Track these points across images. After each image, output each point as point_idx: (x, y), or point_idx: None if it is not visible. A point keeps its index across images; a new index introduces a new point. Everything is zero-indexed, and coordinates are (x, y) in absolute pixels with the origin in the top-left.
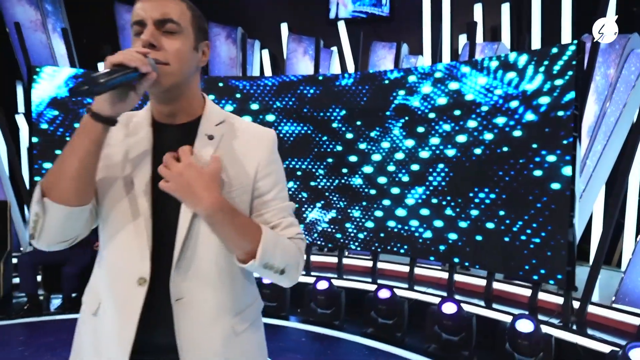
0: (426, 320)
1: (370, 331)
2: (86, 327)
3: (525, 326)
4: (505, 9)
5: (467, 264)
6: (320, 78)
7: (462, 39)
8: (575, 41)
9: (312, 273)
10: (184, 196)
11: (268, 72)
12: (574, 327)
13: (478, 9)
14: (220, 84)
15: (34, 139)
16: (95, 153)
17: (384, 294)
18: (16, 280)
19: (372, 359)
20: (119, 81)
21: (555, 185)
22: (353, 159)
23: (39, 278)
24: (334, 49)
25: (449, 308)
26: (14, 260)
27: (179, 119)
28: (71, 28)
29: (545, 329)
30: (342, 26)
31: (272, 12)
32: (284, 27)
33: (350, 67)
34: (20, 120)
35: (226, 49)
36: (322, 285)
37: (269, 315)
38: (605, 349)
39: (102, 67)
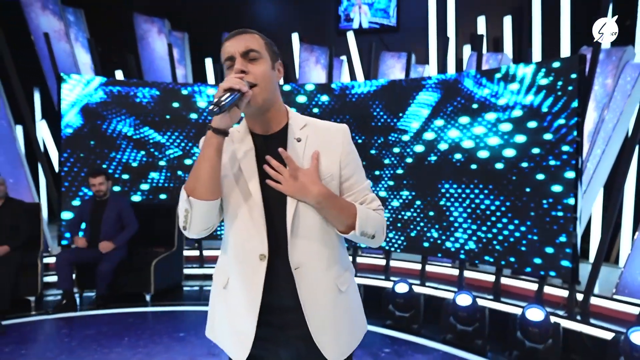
0: (441, 312)
1: (389, 323)
2: (218, 299)
3: (535, 315)
4: (507, 21)
5: (477, 261)
6: (334, 86)
7: (466, 48)
8: (577, 54)
9: None
10: (296, 193)
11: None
12: (578, 317)
13: (481, 21)
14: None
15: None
16: (219, 158)
17: (401, 288)
18: (46, 279)
19: (395, 347)
20: (232, 101)
21: (559, 188)
22: (364, 162)
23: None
24: (343, 58)
25: (464, 300)
26: (45, 260)
27: (270, 128)
28: (91, 37)
29: (551, 319)
30: (351, 36)
31: (282, 22)
32: (295, 37)
33: (359, 76)
34: (43, 126)
35: None
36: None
37: None
38: (608, 335)
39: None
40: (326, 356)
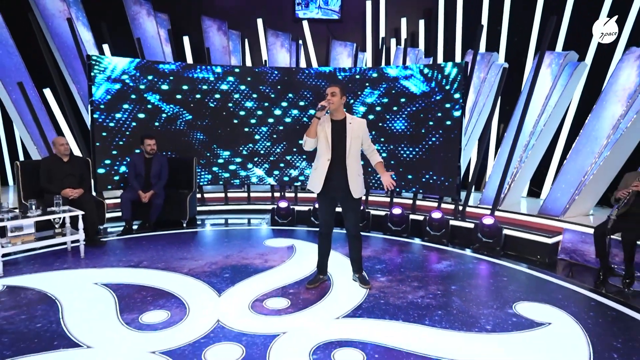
0: (382, 221)
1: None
2: (313, 173)
3: (436, 215)
4: (422, 23)
5: (404, 191)
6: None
7: (392, 41)
8: (464, 61)
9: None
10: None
11: (248, 60)
12: (459, 218)
13: (404, 21)
14: (219, 69)
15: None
16: (316, 126)
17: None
18: None
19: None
20: (324, 108)
21: (450, 144)
22: None
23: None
24: (300, 42)
25: (397, 211)
26: None
27: (337, 118)
28: (100, 21)
29: (445, 219)
30: (306, 25)
31: (245, 7)
32: (260, 22)
33: (313, 61)
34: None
35: (219, 39)
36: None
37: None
38: (473, 225)
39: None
40: (353, 195)
